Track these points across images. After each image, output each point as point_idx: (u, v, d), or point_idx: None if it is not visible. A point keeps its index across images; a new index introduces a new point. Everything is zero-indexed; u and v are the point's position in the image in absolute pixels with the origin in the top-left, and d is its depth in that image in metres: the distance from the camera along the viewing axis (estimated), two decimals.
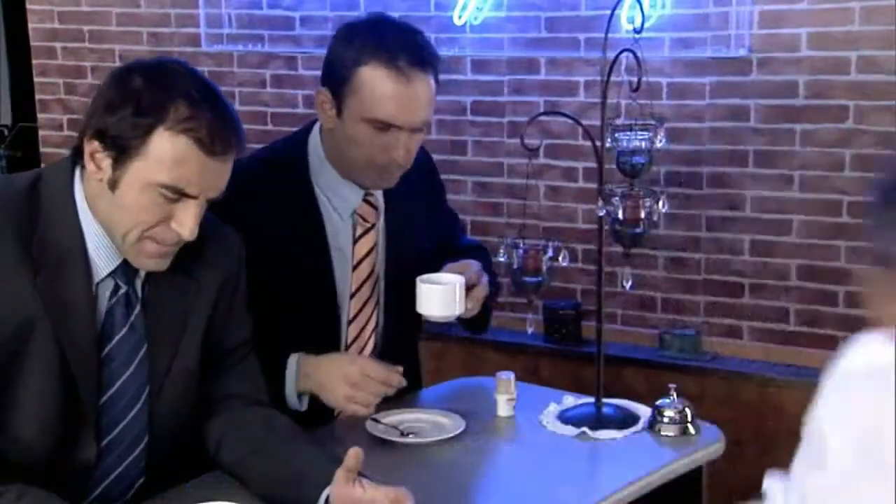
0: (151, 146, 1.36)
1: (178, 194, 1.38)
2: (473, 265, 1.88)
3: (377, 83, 1.72)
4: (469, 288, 1.81)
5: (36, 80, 4.02)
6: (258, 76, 3.59)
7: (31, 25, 3.98)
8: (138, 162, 1.36)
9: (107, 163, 1.38)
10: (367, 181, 1.83)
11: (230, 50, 3.61)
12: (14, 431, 1.39)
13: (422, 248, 1.95)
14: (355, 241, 1.86)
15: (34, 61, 4.00)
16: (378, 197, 1.89)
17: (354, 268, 1.86)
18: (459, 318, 1.85)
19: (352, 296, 1.86)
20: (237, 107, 3.56)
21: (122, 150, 1.36)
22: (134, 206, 1.38)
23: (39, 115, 4.05)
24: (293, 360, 1.76)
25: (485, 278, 1.88)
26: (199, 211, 1.40)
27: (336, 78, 1.76)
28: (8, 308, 1.36)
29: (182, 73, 1.41)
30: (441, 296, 1.77)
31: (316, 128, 1.86)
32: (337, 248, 1.85)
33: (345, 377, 1.72)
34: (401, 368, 1.77)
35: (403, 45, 1.73)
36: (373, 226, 1.88)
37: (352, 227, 1.86)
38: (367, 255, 1.87)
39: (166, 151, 1.36)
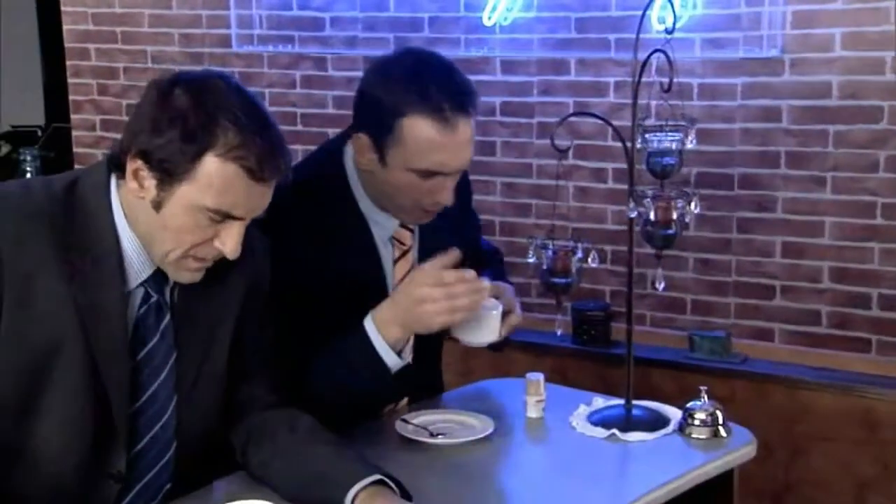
0: (199, 171, 1.35)
1: (224, 217, 1.38)
2: (508, 290, 1.86)
3: (423, 134, 1.68)
4: (505, 313, 1.80)
5: (69, 81, 4.06)
6: (288, 77, 3.61)
7: (65, 27, 4.03)
8: (185, 185, 1.35)
9: (151, 183, 1.37)
10: (409, 220, 1.83)
11: (260, 51, 3.63)
12: (45, 440, 1.39)
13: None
14: (394, 263, 1.86)
15: (68, 62, 4.05)
16: None
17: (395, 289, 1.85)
18: None
19: None
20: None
21: (168, 173, 1.35)
22: (178, 228, 1.37)
23: (72, 116, 4.09)
24: (368, 321, 1.71)
25: (519, 307, 1.86)
26: (242, 231, 1.40)
27: (377, 126, 1.72)
28: (43, 312, 1.36)
29: (227, 92, 1.38)
30: (480, 323, 1.76)
31: (348, 151, 1.82)
32: (381, 271, 1.85)
33: (421, 298, 1.67)
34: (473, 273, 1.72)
35: (445, 91, 1.69)
36: (409, 248, 1.88)
37: (391, 250, 1.86)
38: (405, 276, 1.85)
39: (214, 177, 1.35)
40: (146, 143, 1.36)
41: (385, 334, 1.70)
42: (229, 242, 1.40)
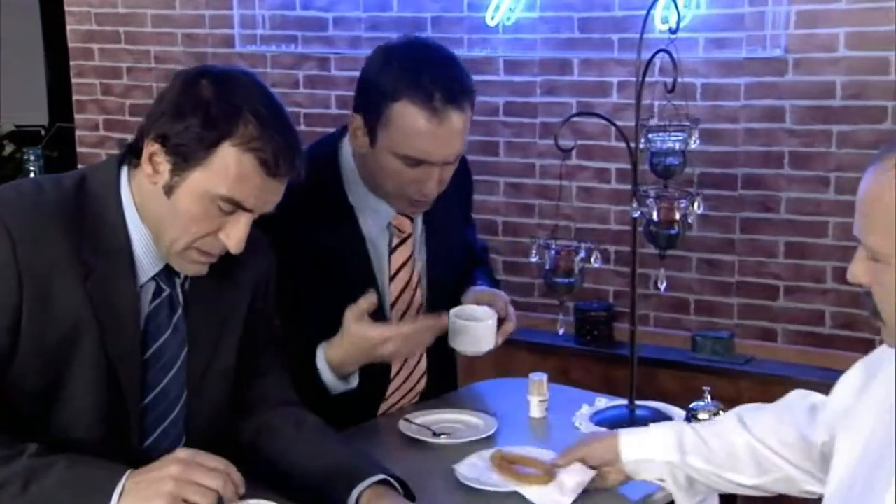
0: (215, 159, 1.36)
1: (235, 207, 1.38)
2: (501, 297, 1.87)
3: (411, 120, 1.69)
4: (500, 321, 1.80)
5: (73, 80, 4.07)
6: (291, 77, 3.61)
7: (68, 27, 4.04)
8: (199, 172, 1.36)
9: (165, 167, 1.38)
10: (398, 208, 1.82)
11: (263, 51, 3.64)
12: (60, 433, 1.40)
13: (456, 253, 1.95)
14: (391, 251, 1.85)
15: (71, 62, 4.06)
16: None
17: (392, 278, 1.85)
18: None
19: (392, 305, 1.85)
20: None
21: (184, 158, 1.36)
22: (186, 215, 1.38)
23: (76, 116, 4.10)
24: (320, 354, 1.74)
25: (513, 312, 1.86)
26: (248, 225, 1.41)
27: (370, 108, 1.73)
28: (60, 311, 1.37)
29: (251, 87, 1.40)
30: (475, 333, 1.78)
31: (345, 142, 1.84)
32: (377, 259, 1.84)
33: (367, 346, 1.71)
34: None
35: (439, 81, 1.69)
36: (409, 235, 1.87)
37: (388, 237, 1.85)
38: (405, 264, 1.86)
39: (230, 166, 1.36)
40: (166, 128, 1.37)
41: (338, 371, 1.74)
42: (234, 236, 1.40)
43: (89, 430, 1.41)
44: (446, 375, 2.02)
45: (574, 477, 1.54)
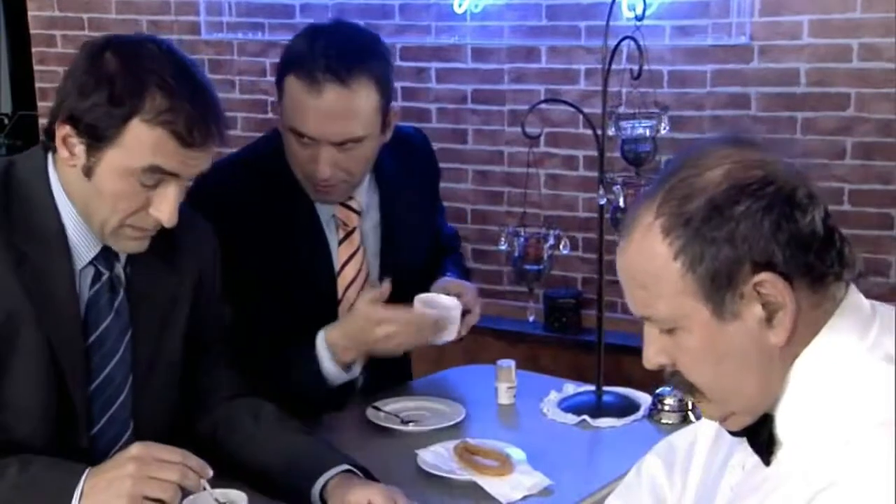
0: (127, 135, 1.32)
1: (159, 175, 1.34)
2: (469, 289, 1.85)
3: (294, 93, 1.64)
4: (464, 312, 1.80)
5: (35, 68, 4.01)
6: (258, 64, 3.58)
7: (30, 13, 3.97)
8: (114, 150, 1.32)
9: (80, 149, 1.34)
10: (311, 195, 1.76)
11: (230, 38, 3.60)
12: (7, 425, 1.37)
13: (417, 244, 1.92)
14: (339, 244, 1.82)
15: (34, 49, 4.00)
16: (360, 200, 1.83)
17: (339, 272, 1.82)
18: None
19: (339, 301, 1.83)
20: (236, 95, 3.62)
21: (97, 138, 1.32)
22: (111, 194, 1.35)
23: (39, 104, 4.04)
24: (320, 339, 1.72)
25: (478, 306, 1.86)
26: (177, 196, 1.37)
27: (277, 84, 1.70)
28: None
29: (158, 56, 1.35)
30: (438, 322, 1.77)
31: None
32: (327, 252, 1.82)
33: (376, 338, 1.70)
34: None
35: (329, 54, 1.61)
36: (354, 229, 1.83)
37: (335, 230, 1.82)
38: (351, 258, 1.83)
39: (143, 141, 1.32)
40: (73, 108, 1.33)
41: (338, 356, 1.71)
42: (165, 209, 1.36)
43: (35, 421, 1.38)
44: (398, 367, 2.00)
45: (532, 478, 1.56)
